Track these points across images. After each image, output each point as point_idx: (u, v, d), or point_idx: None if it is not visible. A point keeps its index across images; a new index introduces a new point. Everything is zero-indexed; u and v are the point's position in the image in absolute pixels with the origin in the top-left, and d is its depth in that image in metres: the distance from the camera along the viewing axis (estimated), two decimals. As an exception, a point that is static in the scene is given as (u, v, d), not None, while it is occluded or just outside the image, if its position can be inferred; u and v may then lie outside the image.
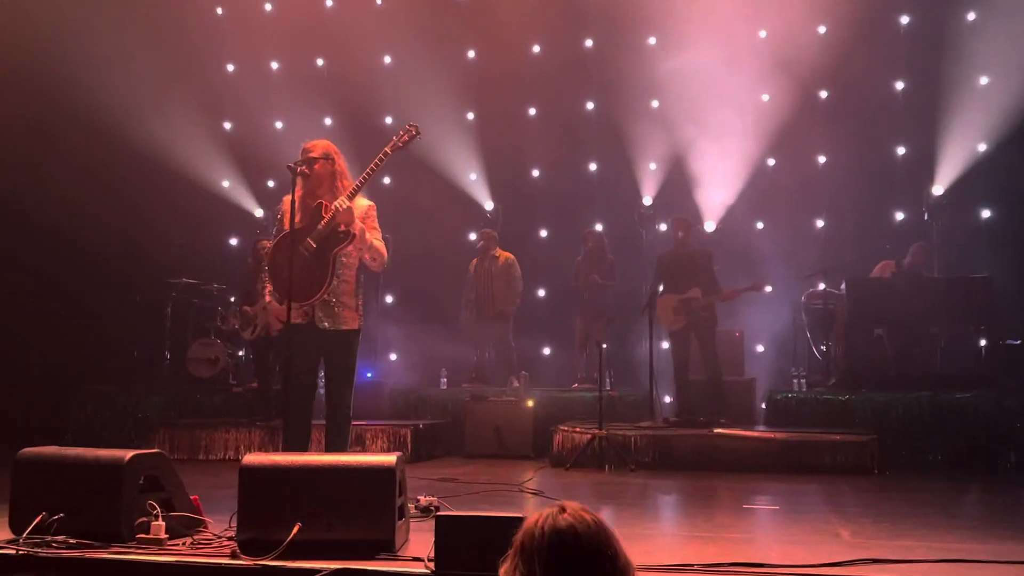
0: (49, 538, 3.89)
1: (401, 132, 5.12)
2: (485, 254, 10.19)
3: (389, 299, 11.55)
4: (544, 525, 2.01)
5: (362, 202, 5.09)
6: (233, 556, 3.72)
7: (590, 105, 11.75)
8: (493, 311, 10.04)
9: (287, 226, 4.95)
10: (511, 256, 10.22)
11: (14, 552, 3.79)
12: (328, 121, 11.67)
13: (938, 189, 10.40)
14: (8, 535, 4.03)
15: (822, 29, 10.75)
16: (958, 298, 8.92)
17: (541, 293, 11.41)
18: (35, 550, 3.81)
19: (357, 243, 4.98)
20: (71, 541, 3.87)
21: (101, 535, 3.91)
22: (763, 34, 10.95)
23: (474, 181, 11.63)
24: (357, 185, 5.00)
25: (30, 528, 3.90)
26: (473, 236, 11.41)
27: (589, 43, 11.77)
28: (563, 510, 2.04)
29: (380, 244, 5.13)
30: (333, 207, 4.95)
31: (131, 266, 10.42)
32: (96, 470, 4.03)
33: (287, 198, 5.09)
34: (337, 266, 4.96)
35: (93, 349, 10.22)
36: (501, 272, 10.08)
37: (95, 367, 10.21)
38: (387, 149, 5.06)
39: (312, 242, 4.94)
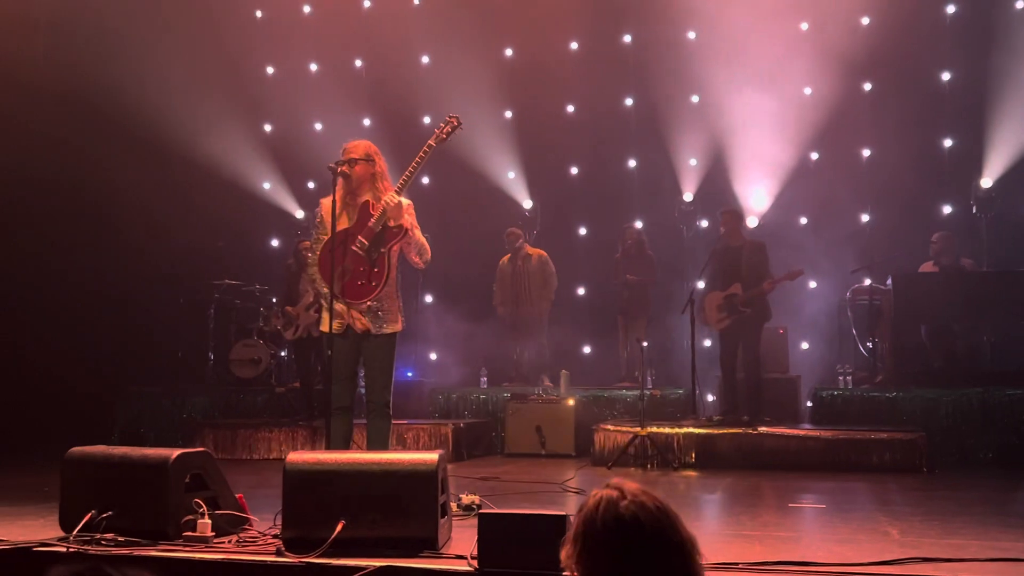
0: (98, 535, 3.94)
1: (442, 124, 5.12)
2: (517, 254, 10.16)
3: (429, 298, 11.58)
4: (605, 515, 1.94)
5: (403, 201, 5.09)
6: (278, 554, 3.74)
7: (629, 101, 11.67)
8: (529, 310, 10.02)
9: (329, 228, 4.96)
10: (544, 253, 10.18)
11: (65, 549, 3.84)
12: (367, 122, 11.72)
13: (986, 182, 10.18)
14: (59, 532, 4.09)
15: (865, 20, 10.57)
16: (1007, 292, 8.72)
17: (581, 291, 11.36)
18: (85, 547, 3.86)
19: (408, 238, 4.99)
20: (119, 539, 3.92)
21: (148, 533, 3.95)
22: (805, 26, 10.79)
23: (512, 179, 11.60)
24: (404, 181, 5.01)
25: (80, 526, 3.96)
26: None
27: (627, 38, 11.69)
28: (623, 496, 1.96)
29: (424, 239, 5.14)
30: (383, 203, 4.95)
31: (174, 268, 10.55)
32: (143, 469, 4.08)
33: (325, 201, 5.11)
34: (391, 263, 4.96)
35: (138, 351, 10.35)
36: (536, 271, 10.04)
37: (140, 368, 10.35)
38: (431, 142, 5.06)
39: (365, 239, 4.94)
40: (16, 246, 9.28)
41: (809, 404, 9.01)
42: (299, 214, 11.95)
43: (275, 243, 12.08)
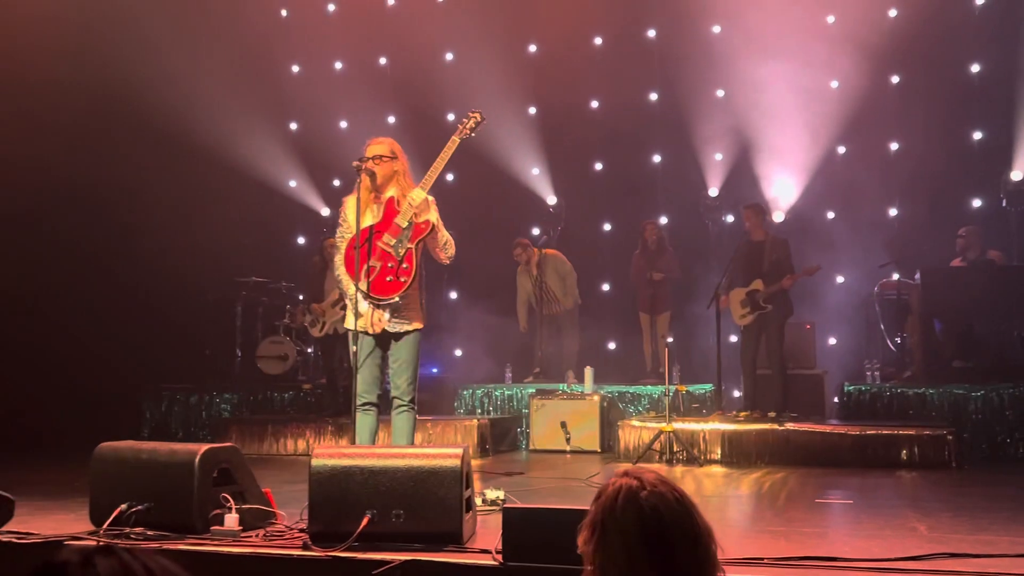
0: (127, 530, 3.99)
1: (465, 119, 5.13)
2: (528, 264, 10.16)
3: (453, 295, 11.61)
4: (624, 506, 1.94)
5: (427, 197, 5.10)
6: (305, 548, 3.77)
7: (653, 96, 11.64)
8: (555, 309, 10.03)
9: (352, 226, 4.98)
10: (555, 252, 10.14)
11: (95, 544, 3.89)
12: (392, 119, 11.77)
13: (1016, 175, 10.03)
14: (89, 527, 4.15)
15: (893, 12, 10.47)
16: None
17: (606, 287, 11.34)
18: (114, 541, 3.91)
19: (433, 234, 5.00)
20: (148, 533, 3.97)
21: (177, 527, 4.00)
22: (831, 19, 10.70)
23: (536, 176, 11.60)
24: (429, 177, 5.01)
25: (109, 520, 4.01)
26: (536, 231, 11.40)
27: (652, 33, 11.65)
28: (643, 486, 1.96)
29: (448, 235, 5.16)
30: (408, 199, 4.97)
31: (202, 266, 10.64)
32: (171, 464, 4.12)
33: (348, 198, 5.14)
34: (418, 260, 4.98)
35: (167, 349, 10.46)
36: (550, 272, 10.02)
37: (169, 366, 10.46)
38: (455, 137, 5.08)
39: (391, 236, 4.96)
40: (46, 246, 9.39)
41: (836, 400, 8.95)
42: (324, 212, 12.02)
43: (301, 240, 12.16)
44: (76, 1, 9.29)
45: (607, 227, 11.64)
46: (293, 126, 12.33)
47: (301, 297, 10.38)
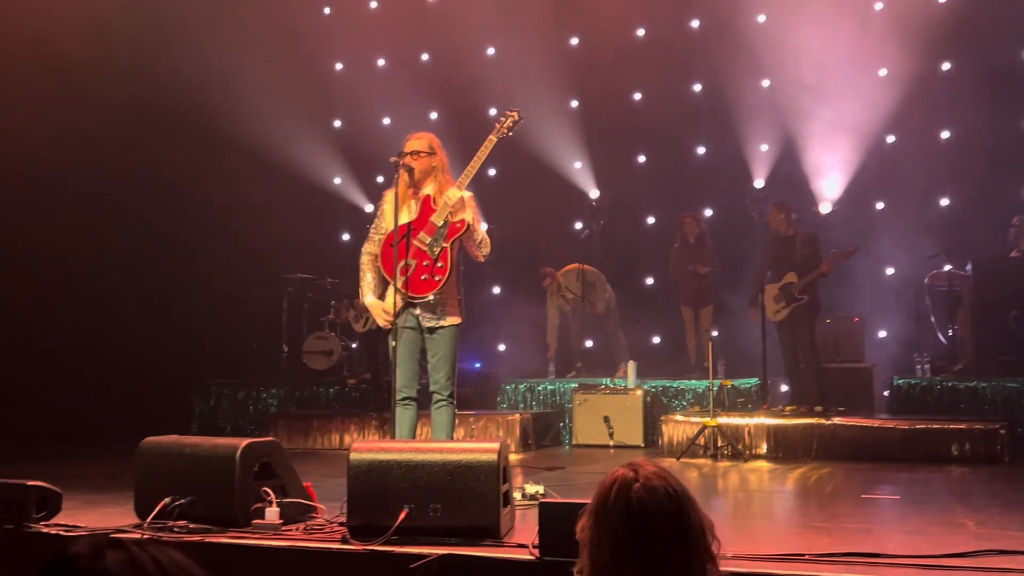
0: (171, 523, 4.06)
1: (503, 118, 5.11)
2: (556, 292, 10.14)
3: (496, 290, 11.61)
4: (616, 497, 1.98)
5: (464, 194, 5.09)
6: (343, 541, 3.80)
7: (697, 87, 11.51)
8: (591, 309, 10.02)
9: (388, 220, 5.01)
10: (575, 266, 10.08)
11: (139, 536, 3.96)
12: (434, 115, 11.79)
13: (1072, 161, 9.77)
14: (134, 520, 4.22)
15: (943, -2, 10.24)
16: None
17: (649, 281, 11.26)
18: (158, 534, 3.98)
19: (469, 233, 5.00)
20: (191, 526, 4.03)
21: (219, 520, 4.05)
22: (879, 6, 10.50)
23: (579, 169, 11.55)
24: (465, 175, 5.01)
25: (153, 513, 4.08)
26: (579, 225, 11.35)
27: (695, 23, 11.52)
28: (636, 478, 1.99)
29: (485, 233, 5.14)
30: (445, 197, 4.97)
31: (249, 263, 10.78)
32: (213, 458, 4.18)
33: (387, 192, 5.16)
34: (455, 257, 4.98)
35: (215, 345, 10.62)
36: (575, 285, 9.99)
37: (217, 362, 10.62)
38: (492, 136, 5.06)
39: (427, 234, 4.97)
40: (98, 244, 9.57)
41: (885, 394, 8.79)
42: (368, 208, 12.08)
43: (345, 237, 12.25)
44: (122, 4, 9.44)
45: (651, 220, 11.55)
46: (337, 123, 12.43)
47: (346, 293, 10.47)
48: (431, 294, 4.94)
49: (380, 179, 11.64)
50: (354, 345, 10.57)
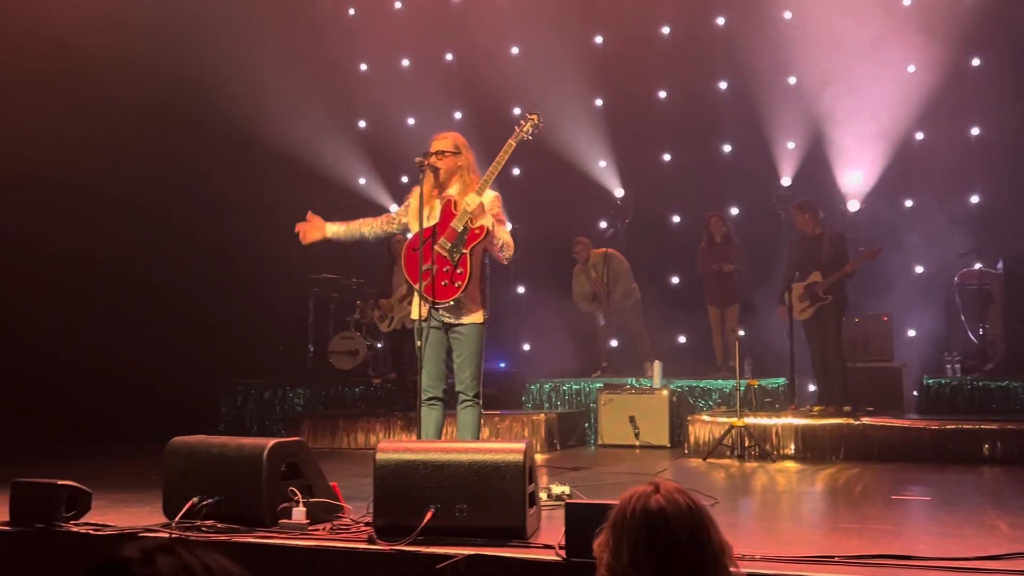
0: (199, 522, 4.08)
1: (522, 121, 5.11)
2: (585, 264, 10.11)
3: (521, 289, 11.59)
4: (636, 506, 1.99)
5: (488, 193, 5.09)
6: (370, 541, 3.80)
7: (723, 84, 11.44)
8: (615, 305, 9.98)
9: (412, 220, 5.04)
10: (607, 250, 10.05)
11: (168, 536, 3.99)
12: (458, 115, 11.80)
13: (1105, 158, 9.61)
14: (162, 519, 4.25)
15: (973, -7, 10.10)
16: None
17: (675, 280, 11.20)
18: (186, 533, 4.00)
19: (489, 239, 5.00)
20: (219, 525, 4.05)
21: (246, 520, 4.07)
22: (907, 2, 10.38)
23: (604, 168, 11.51)
24: (484, 181, 5.01)
25: (182, 513, 4.10)
26: (603, 224, 11.31)
27: (720, 21, 11.44)
28: (656, 491, 2.00)
29: (507, 236, 5.13)
30: (464, 204, 4.97)
31: (275, 263, 10.84)
32: (240, 458, 4.20)
33: (415, 189, 5.18)
34: (473, 263, 4.98)
35: (241, 345, 10.69)
36: (602, 269, 9.96)
37: (244, 362, 10.68)
38: (511, 141, 5.06)
39: (447, 240, 4.97)
40: (126, 245, 9.66)
41: (915, 393, 8.69)
42: (393, 208, 12.07)
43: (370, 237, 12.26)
44: (146, 4, 9.53)
45: (676, 219, 11.49)
46: (362, 124, 12.46)
47: (371, 293, 10.50)
48: (451, 300, 4.95)
49: (404, 179, 11.68)
50: (379, 345, 10.59)
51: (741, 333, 8.42)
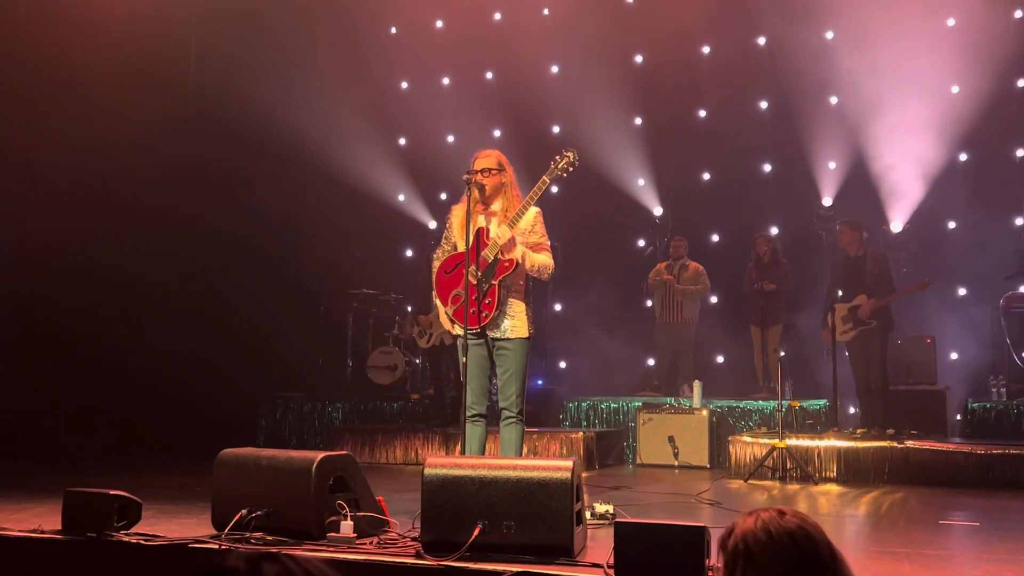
0: (248, 534, 4.10)
1: (558, 157, 5.14)
2: (676, 261, 10.09)
3: (558, 307, 11.60)
4: (770, 529, 1.99)
5: (529, 211, 5.12)
6: (418, 556, 3.81)
7: (763, 104, 11.41)
8: (680, 318, 9.94)
9: (455, 237, 5.09)
10: (700, 267, 10.05)
11: (217, 547, 4.02)
12: (497, 133, 11.85)
13: None
14: (211, 530, 4.29)
15: (1019, 13, 10.02)
16: None
17: (714, 300, 11.14)
18: (235, 545, 4.03)
19: (519, 270, 5.04)
20: (267, 537, 4.07)
21: (294, 532, 4.08)
22: (951, 22, 10.30)
23: (642, 187, 11.50)
24: (517, 214, 5.04)
25: (231, 524, 4.13)
26: (642, 243, 11.30)
27: (762, 40, 11.42)
28: (783, 512, 2.02)
29: (545, 257, 5.14)
30: (495, 236, 5.01)
31: (315, 278, 10.94)
32: (289, 471, 4.22)
33: (455, 207, 5.24)
34: (502, 294, 5.02)
35: (281, 359, 10.78)
36: (690, 280, 9.95)
37: (283, 376, 10.77)
38: (546, 178, 5.10)
39: (478, 269, 5.01)
40: (170, 259, 9.81)
41: (959, 417, 8.57)
42: (432, 224, 12.19)
43: (409, 253, 12.36)
44: (195, 24, 9.71)
45: (715, 238, 11.45)
46: (402, 141, 12.57)
47: (409, 308, 10.56)
48: (476, 328, 4.98)
49: (444, 196, 11.76)
50: (417, 361, 10.64)
51: (782, 354, 8.35)
